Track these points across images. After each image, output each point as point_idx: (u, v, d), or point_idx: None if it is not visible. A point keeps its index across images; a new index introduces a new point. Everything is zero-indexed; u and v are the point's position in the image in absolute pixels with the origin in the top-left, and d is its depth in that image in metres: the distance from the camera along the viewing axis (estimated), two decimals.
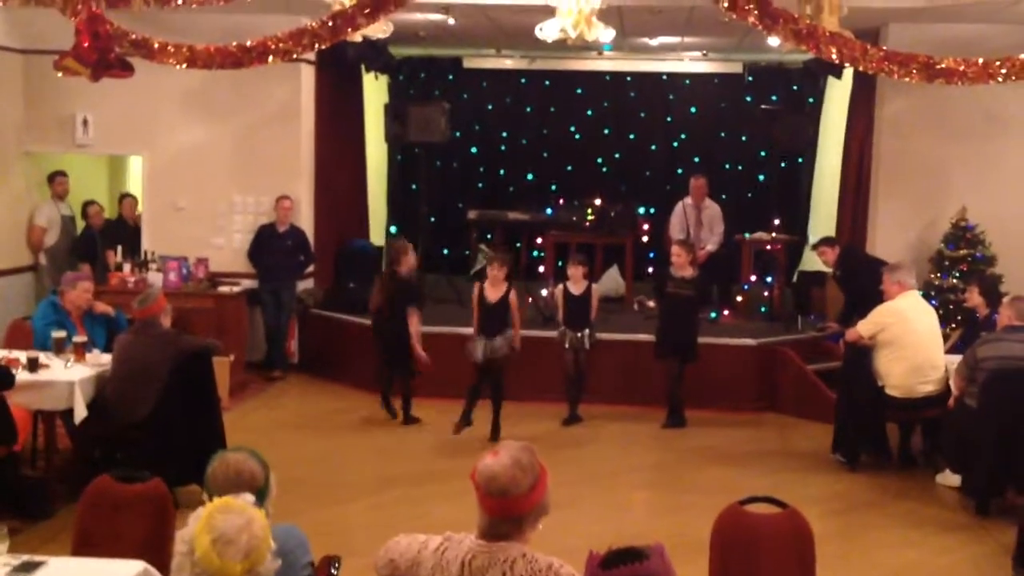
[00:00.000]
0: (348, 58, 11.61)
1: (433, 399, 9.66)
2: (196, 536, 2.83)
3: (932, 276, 10.54)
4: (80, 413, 6.88)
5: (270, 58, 7.86)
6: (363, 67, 12.75)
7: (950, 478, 7.84)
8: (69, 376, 6.99)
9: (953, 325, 9.91)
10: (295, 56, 8.25)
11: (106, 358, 7.38)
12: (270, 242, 11.17)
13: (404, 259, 9.49)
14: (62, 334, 7.60)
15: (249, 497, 3.14)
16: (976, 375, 7.36)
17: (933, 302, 9.91)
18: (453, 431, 8.80)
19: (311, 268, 11.75)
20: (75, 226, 11.77)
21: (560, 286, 9.73)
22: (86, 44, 6.99)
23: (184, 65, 7.96)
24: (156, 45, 7.87)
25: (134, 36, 7.78)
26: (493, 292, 8.95)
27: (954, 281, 10.36)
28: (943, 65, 7.20)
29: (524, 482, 2.95)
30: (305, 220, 11.68)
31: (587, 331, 9.48)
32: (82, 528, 4.44)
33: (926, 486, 7.97)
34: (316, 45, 7.88)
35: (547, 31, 7.79)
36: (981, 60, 7.22)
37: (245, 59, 7.85)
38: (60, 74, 7.55)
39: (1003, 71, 7.19)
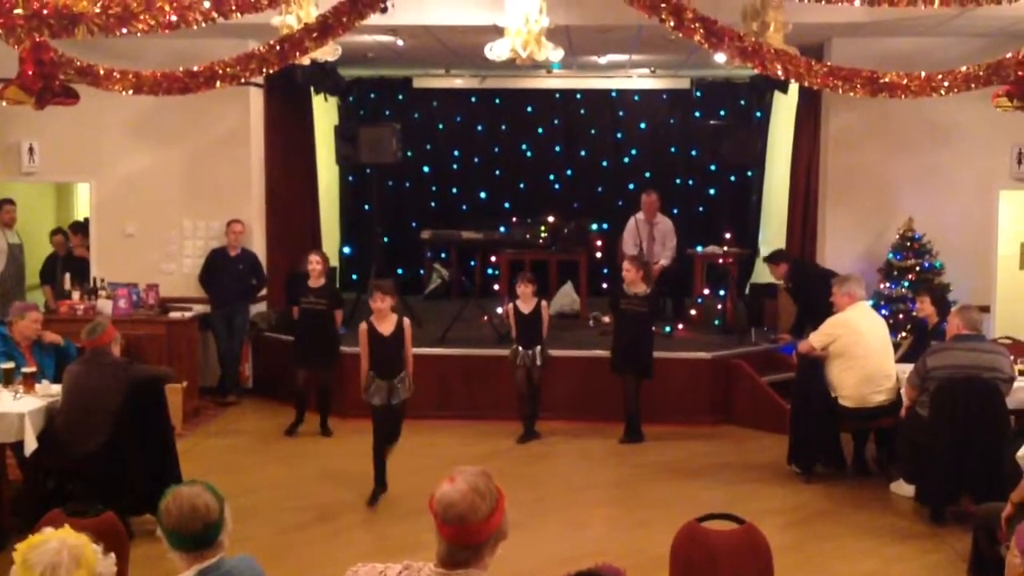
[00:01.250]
0: (297, 81, 11.57)
1: None
2: None
3: (881, 286, 10.66)
4: (30, 445, 6.78)
5: (218, 83, 7.80)
6: (312, 89, 12.71)
7: (904, 487, 7.92)
8: (19, 407, 6.88)
9: (903, 334, 10.03)
10: (243, 80, 8.20)
11: (56, 388, 7.28)
12: (222, 266, 11.10)
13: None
14: (10, 365, 7.50)
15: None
16: (927, 384, 7.45)
17: (883, 311, 10.05)
18: (368, 503, 7.88)
19: (263, 291, 11.67)
20: (23, 254, 11.59)
21: (511, 304, 9.74)
22: (30, 72, 6.91)
23: (130, 91, 7.88)
24: (102, 72, 7.77)
25: (79, 63, 7.68)
26: (385, 325, 7.94)
27: (903, 291, 10.49)
28: (886, 79, 7.29)
29: (482, 508, 2.93)
30: (257, 244, 11.61)
31: (538, 349, 9.49)
32: None
33: (881, 495, 8.05)
34: (264, 69, 7.82)
35: (497, 51, 7.80)
36: (923, 73, 7.32)
37: (192, 84, 7.77)
38: (3, 103, 7.46)
39: (945, 84, 7.29)
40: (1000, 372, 7.36)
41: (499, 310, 11.50)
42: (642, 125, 15.37)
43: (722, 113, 14.78)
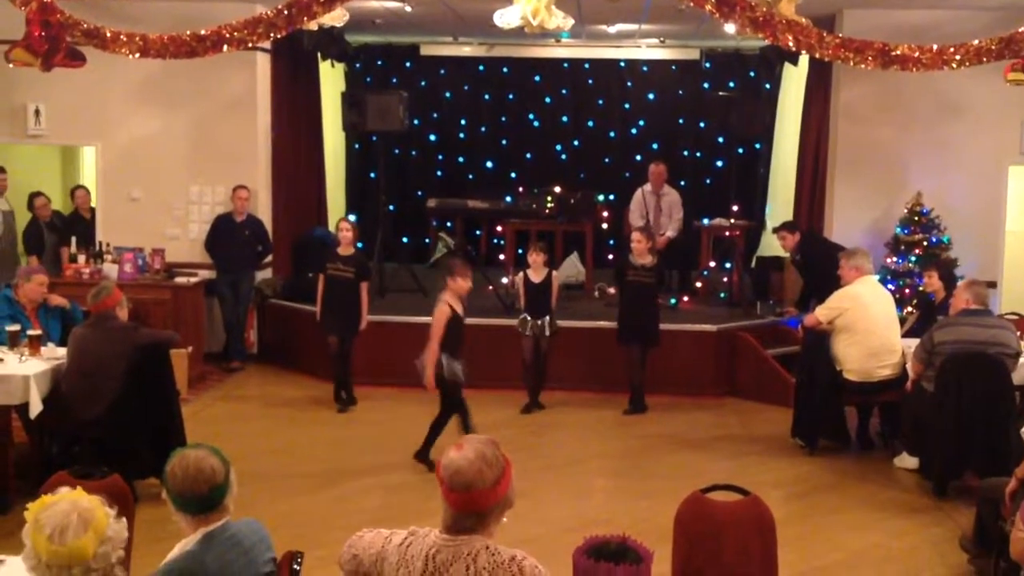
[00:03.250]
0: (304, 46, 11.52)
1: (391, 388, 9.76)
2: (34, 543, 2.91)
3: (889, 260, 10.64)
4: (36, 407, 6.79)
5: (225, 47, 7.76)
6: (319, 55, 12.65)
7: (908, 461, 7.92)
8: (24, 370, 6.88)
9: (910, 309, 10.01)
10: (250, 45, 8.15)
11: (61, 351, 7.28)
12: (227, 232, 11.07)
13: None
14: (16, 327, 7.49)
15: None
16: (933, 359, 7.43)
17: (890, 285, 10.02)
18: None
19: (269, 258, 11.66)
20: (15, 221, 11.53)
21: (521, 274, 9.72)
22: (37, 34, 6.89)
23: (137, 55, 7.84)
24: (108, 34, 7.74)
25: (86, 25, 7.65)
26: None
27: (910, 265, 10.46)
28: (898, 52, 7.24)
29: (489, 476, 2.94)
30: (262, 210, 11.59)
31: (547, 318, 9.48)
32: None
33: (884, 469, 8.05)
34: (272, 34, 7.78)
35: (507, 19, 7.75)
36: (935, 46, 7.27)
37: (199, 48, 7.74)
38: (10, 64, 7.44)
39: (957, 57, 7.24)
40: (1006, 347, 7.34)
41: (504, 280, 11.49)
42: (650, 96, 15.29)
43: (731, 84, 14.69)
